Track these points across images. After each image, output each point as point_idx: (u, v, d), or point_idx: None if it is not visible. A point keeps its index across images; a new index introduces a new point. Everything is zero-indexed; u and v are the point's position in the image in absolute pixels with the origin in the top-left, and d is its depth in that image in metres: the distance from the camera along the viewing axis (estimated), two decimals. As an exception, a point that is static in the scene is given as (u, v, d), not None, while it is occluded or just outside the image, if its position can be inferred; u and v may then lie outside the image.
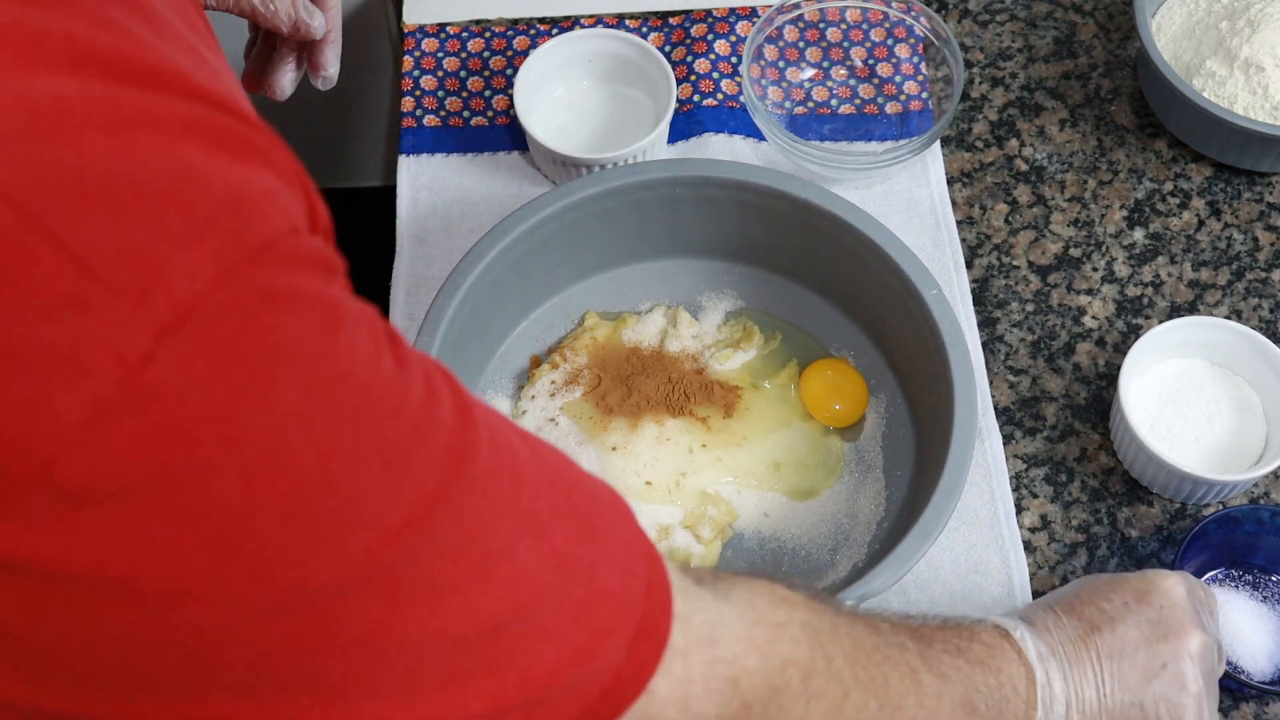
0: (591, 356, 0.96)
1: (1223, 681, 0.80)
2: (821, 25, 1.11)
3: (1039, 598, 0.86)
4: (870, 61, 1.11)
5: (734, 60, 1.10)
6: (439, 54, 1.12)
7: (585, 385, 0.94)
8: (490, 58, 1.12)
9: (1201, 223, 1.05)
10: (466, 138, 1.08)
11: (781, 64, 1.10)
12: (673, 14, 1.13)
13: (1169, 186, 1.06)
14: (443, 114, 1.09)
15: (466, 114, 1.09)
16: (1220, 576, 0.88)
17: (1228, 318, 0.99)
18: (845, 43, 1.11)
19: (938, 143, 1.07)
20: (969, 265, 1.02)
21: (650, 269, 1.00)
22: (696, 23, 1.12)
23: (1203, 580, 0.85)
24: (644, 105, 1.07)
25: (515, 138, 1.08)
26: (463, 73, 1.11)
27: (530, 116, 1.02)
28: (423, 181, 1.06)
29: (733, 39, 1.11)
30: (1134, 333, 0.99)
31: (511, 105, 1.04)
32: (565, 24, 1.13)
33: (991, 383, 0.97)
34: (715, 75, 1.09)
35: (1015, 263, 1.03)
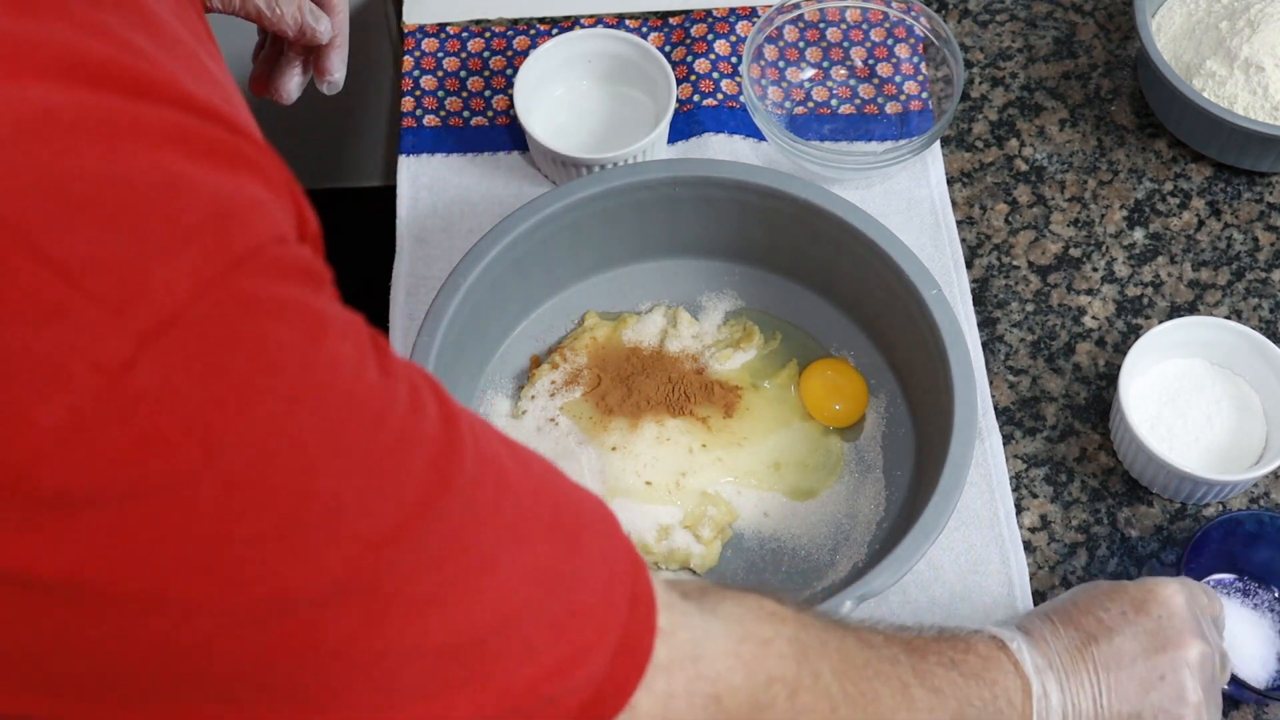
0: (591, 356, 0.96)
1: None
2: (821, 25, 1.11)
3: (1037, 606, 0.86)
4: (870, 61, 1.11)
5: (734, 60, 1.10)
6: (439, 54, 1.12)
7: (585, 385, 0.94)
8: (490, 58, 1.12)
9: (1201, 223, 1.05)
10: (466, 138, 1.08)
11: (781, 64, 1.10)
12: (673, 14, 1.13)
13: (1169, 186, 1.06)
14: (443, 114, 1.09)
15: (466, 114, 1.09)
16: (1212, 584, 0.88)
17: (1228, 318, 0.99)
18: (845, 43, 1.11)
19: (938, 143, 1.07)
20: (969, 265, 1.02)
21: (650, 269, 1.00)
22: (696, 23, 1.12)
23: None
24: (644, 105, 1.07)
25: (515, 138, 1.08)
26: (463, 73, 1.11)
27: (530, 116, 1.02)
28: (423, 181, 1.06)
29: (733, 39, 1.11)
30: (1134, 333, 0.99)
31: (511, 105, 1.04)
32: (565, 24, 1.13)
33: (991, 383, 0.97)
34: (715, 75, 1.09)
35: (1015, 263, 1.03)
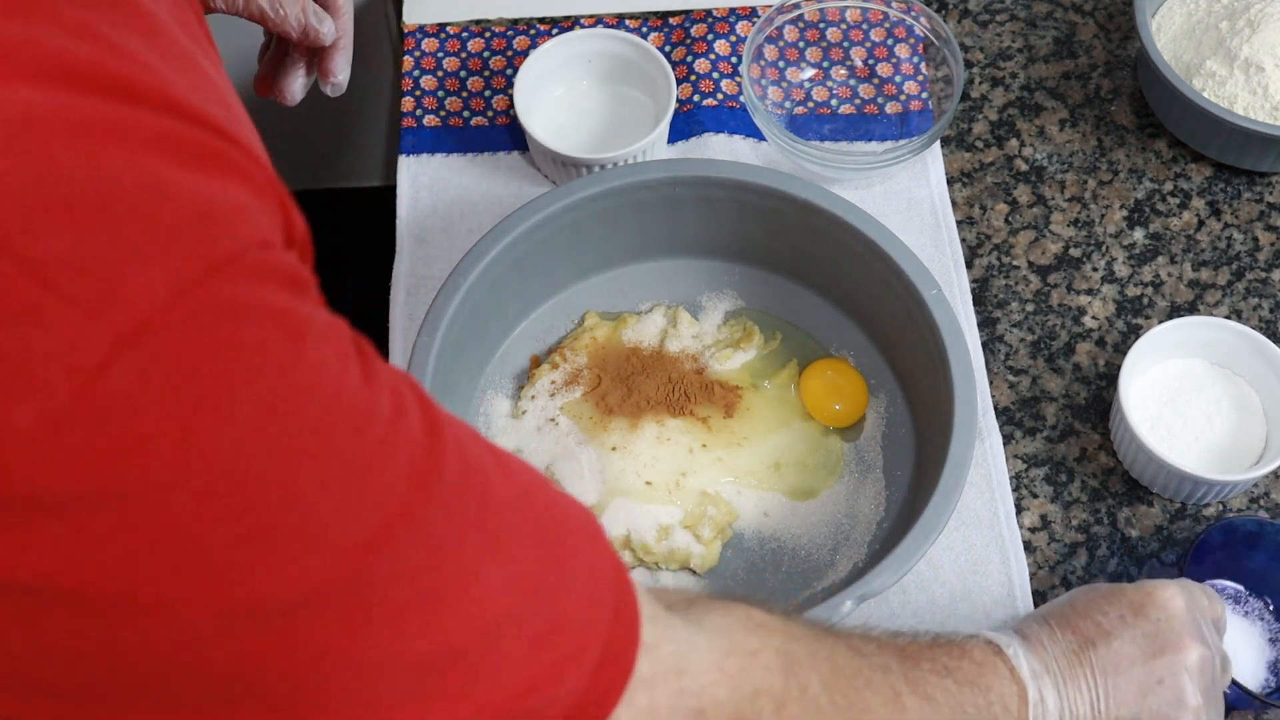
0: (591, 356, 0.96)
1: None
2: (821, 25, 1.11)
3: (1036, 607, 0.85)
4: (870, 61, 1.11)
5: (734, 60, 1.10)
6: (439, 54, 1.12)
7: (585, 385, 0.94)
8: (490, 58, 1.12)
9: (1201, 223, 1.05)
10: (466, 138, 1.08)
11: (781, 64, 1.10)
12: (673, 14, 1.13)
13: (1169, 186, 1.06)
14: (443, 114, 1.09)
15: (466, 114, 1.09)
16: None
17: (1228, 318, 0.99)
18: (845, 43, 1.11)
19: (938, 143, 1.07)
20: (969, 265, 1.02)
21: (650, 269, 1.00)
22: (696, 23, 1.12)
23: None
24: (644, 105, 1.07)
25: (515, 138, 1.08)
26: (463, 73, 1.11)
27: (530, 116, 1.02)
28: (423, 181, 1.06)
29: (733, 39, 1.11)
30: (1134, 333, 0.99)
31: (511, 105, 1.04)
32: (565, 24, 1.13)
33: (991, 383, 0.97)
34: (715, 75, 1.09)
35: (1015, 263, 1.03)
